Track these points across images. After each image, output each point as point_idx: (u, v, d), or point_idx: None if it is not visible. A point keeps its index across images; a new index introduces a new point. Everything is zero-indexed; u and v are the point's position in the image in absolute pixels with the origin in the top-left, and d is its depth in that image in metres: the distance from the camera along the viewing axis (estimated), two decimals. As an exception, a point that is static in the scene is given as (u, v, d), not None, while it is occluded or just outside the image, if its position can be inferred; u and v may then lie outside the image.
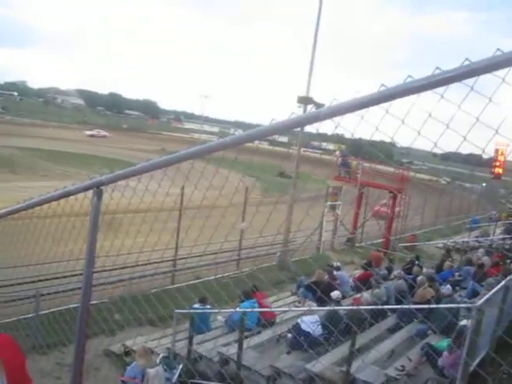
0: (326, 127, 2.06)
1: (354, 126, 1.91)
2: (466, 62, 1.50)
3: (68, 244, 3.83)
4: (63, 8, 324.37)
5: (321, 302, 10.49)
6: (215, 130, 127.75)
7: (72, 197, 3.21)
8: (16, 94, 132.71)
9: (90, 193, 2.87)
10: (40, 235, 3.93)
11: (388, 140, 2.08)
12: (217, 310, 10.13)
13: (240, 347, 8.41)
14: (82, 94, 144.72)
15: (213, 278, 12.61)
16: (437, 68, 1.57)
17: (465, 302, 9.74)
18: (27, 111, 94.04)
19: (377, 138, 2.11)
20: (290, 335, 9.31)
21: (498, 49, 1.45)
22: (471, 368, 6.70)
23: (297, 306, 11.60)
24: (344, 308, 9.93)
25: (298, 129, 14.18)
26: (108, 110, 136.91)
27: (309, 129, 2.47)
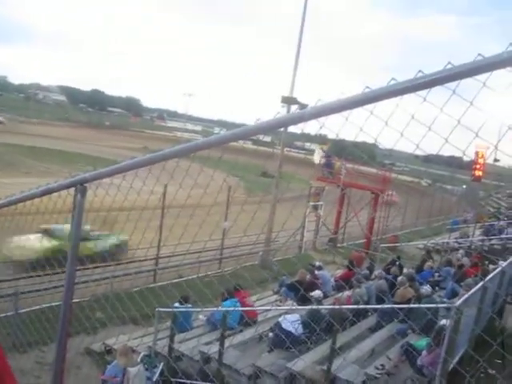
0: (310, 127, 2.08)
1: (338, 127, 1.94)
2: (449, 66, 1.54)
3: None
4: (46, 3, 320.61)
5: (303, 301, 10.54)
6: (198, 128, 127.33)
7: (55, 194, 3.18)
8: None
9: (72, 190, 2.86)
10: (22, 232, 3.90)
11: (371, 141, 2.11)
12: (199, 309, 10.11)
13: (221, 346, 8.42)
14: (64, 90, 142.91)
15: (195, 276, 12.60)
16: (419, 71, 1.61)
17: (444, 302, 9.88)
18: (7, 107, 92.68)
19: (360, 138, 2.14)
20: (271, 334, 9.34)
21: (480, 54, 1.49)
22: (450, 366, 6.81)
23: (278, 306, 11.64)
24: (326, 307, 9.99)
25: (282, 129, 14.24)
26: (90, 106, 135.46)
27: (292, 129, 2.49)
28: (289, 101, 18.41)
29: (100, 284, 10.89)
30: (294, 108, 18.05)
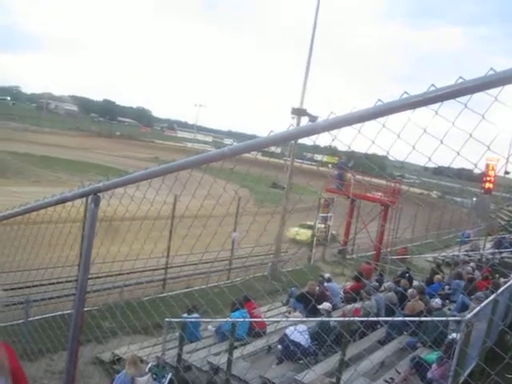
0: (321, 139, 2.10)
1: (349, 139, 1.96)
2: (460, 80, 1.56)
3: (64, 250, 3.84)
4: (59, 14, 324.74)
5: (311, 312, 10.49)
6: (208, 139, 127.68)
7: (69, 203, 3.22)
8: (9, 98, 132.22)
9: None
10: (36, 241, 3.94)
11: (382, 153, 2.13)
12: (208, 319, 10.10)
13: (230, 357, 8.39)
14: (76, 100, 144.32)
15: (204, 286, 12.60)
16: (432, 85, 1.63)
17: (454, 316, 9.80)
18: (19, 116, 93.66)
19: (370, 150, 2.16)
20: (279, 346, 9.31)
21: (491, 68, 1.51)
22: (461, 380, 6.75)
23: (287, 317, 11.60)
24: (335, 319, 9.94)
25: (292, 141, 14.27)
26: (101, 116, 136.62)
27: (302, 140, 2.51)
28: (299, 112, 18.46)
29: (108, 293, 10.90)
30: (304, 119, 18.12)
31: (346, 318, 9.63)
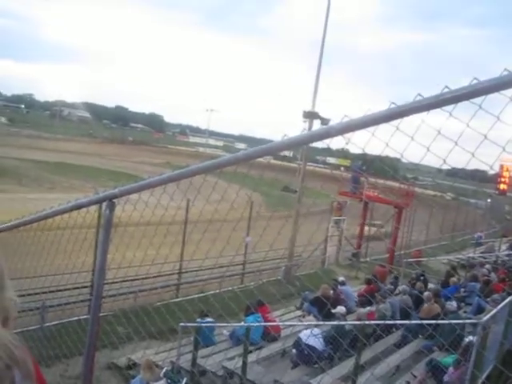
0: (333, 142, 2.09)
1: (362, 141, 1.96)
2: (474, 81, 1.55)
3: (80, 256, 3.87)
4: (71, 22, 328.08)
5: (325, 316, 10.45)
6: (220, 144, 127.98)
7: (84, 208, 3.25)
8: (23, 106, 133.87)
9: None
10: (51, 246, 3.97)
11: (394, 155, 2.11)
12: (223, 324, 10.10)
13: (244, 361, 8.39)
14: (89, 106, 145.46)
15: (217, 291, 12.62)
16: (445, 87, 1.62)
17: (470, 318, 9.70)
18: (34, 123, 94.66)
19: (382, 152, 2.14)
20: (294, 350, 9.28)
21: (506, 69, 1.50)
22: (479, 382, 6.67)
23: (300, 321, 11.56)
24: (351, 323, 9.89)
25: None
26: (114, 122, 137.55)
27: (313, 143, 2.51)
28: (311, 115, 18.44)
29: (121, 299, 10.95)
30: (316, 122, 18.10)
31: (362, 322, 9.58)
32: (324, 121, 17.47)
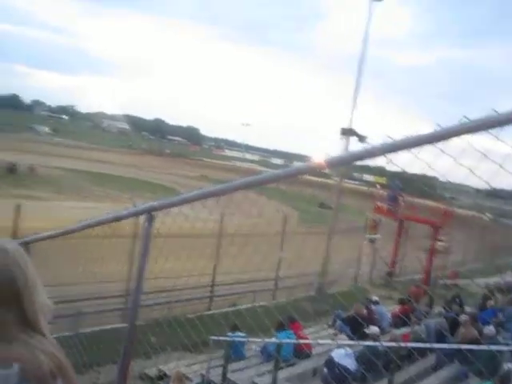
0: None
1: (401, 160, 1.93)
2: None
3: (117, 265, 3.94)
4: (113, 36, 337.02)
5: (358, 336, 10.29)
6: (255, 158, 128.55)
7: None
8: (65, 117, 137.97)
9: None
10: (95, 255, 4.06)
11: (431, 174, 2.07)
12: (255, 339, 10.05)
13: (274, 378, 8.32)
14: (128, 118, 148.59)
15: (250, 305, 12.59)
16: (493, 109, 1.60)
17: (509, 345, 9.38)
18: (76, 134, 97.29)
19: (418, 170, 2.11)
20: (325, 369, 9.15)
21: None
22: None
23: (333, 340, 11.40)
24: (385, 344, 9.70)
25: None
26: (152, 135, 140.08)
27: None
28: (348, 132, 18.37)
29: (154, 309, 11.04)
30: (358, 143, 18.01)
31: (397, 344, 9.40)
32: (361, 138, 17.40)
